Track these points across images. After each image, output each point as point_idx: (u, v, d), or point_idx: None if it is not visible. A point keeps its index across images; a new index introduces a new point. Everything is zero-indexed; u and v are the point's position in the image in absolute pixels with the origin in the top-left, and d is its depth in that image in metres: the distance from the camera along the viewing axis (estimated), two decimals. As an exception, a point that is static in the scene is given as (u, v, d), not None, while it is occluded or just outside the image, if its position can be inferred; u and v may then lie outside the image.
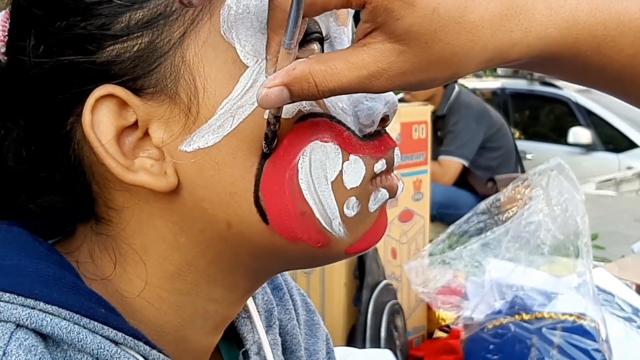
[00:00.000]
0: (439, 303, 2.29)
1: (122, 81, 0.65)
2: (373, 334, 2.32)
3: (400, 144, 2.53)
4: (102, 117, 0.65)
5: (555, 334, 2.10)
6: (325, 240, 0.67)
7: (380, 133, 0.70)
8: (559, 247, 2.19)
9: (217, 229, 0.67)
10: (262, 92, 0.60)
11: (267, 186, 0.65)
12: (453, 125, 4.57)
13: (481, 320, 2.22)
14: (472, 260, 2.28)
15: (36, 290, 0.64)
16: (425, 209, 2.67)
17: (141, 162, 0.66)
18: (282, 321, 0.88)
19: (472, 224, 2.35)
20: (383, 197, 0.70)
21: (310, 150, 0.65)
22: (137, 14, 0.64)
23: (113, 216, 0.70)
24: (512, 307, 2.21)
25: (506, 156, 4.80)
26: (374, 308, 2.33)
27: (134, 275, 0.70)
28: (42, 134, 0.68)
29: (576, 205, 2.11)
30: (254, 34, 0.64)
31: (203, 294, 0.71)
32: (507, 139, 4.90)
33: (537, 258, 2.21)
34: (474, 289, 2.33)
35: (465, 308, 2.28)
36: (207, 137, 0.64)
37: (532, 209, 2.14)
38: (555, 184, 2.12)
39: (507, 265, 2.27)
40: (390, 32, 0.59)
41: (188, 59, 0.64)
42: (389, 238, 2.51)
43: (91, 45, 0.64)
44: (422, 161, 2.62)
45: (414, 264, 2.34)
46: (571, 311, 2.14)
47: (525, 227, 2.16)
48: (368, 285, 2.34)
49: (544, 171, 2.18)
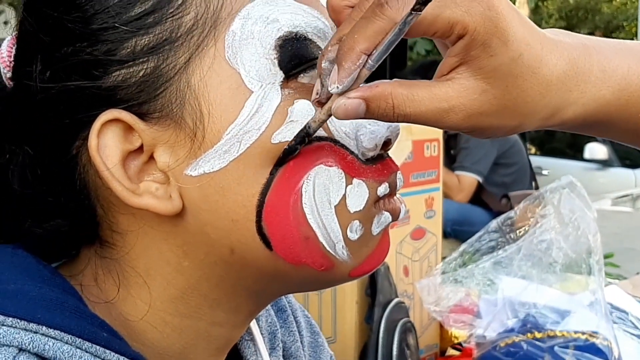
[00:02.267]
0: (451, 322, 2.28)
1: (128, 106, 0.66)
2: (385, 352, 2.31)
3: (412, 162, 2.53)
4: (108, 142, 0.66)
5: (567, 352, 2.09)
6: (329, 264, 0.68)
7: (383, 157, 0.71)
8: (571, 265, 2.18)
9: (221, 254, 0.68)
10: (340, 102, 0.61)
11: (270, 211, 0.66)
12: (465, 142, 4.55)
13: (493, 339, 2.21)
14: (484, 279, 2.28)
15: (39, 314, 0.64)
16: (437, 226, 2.66)
17: (146, 185, 0.67)
18: (285, 343, 0.88)
19: (484, 242, 2.34)
20: (386, 220, 0.70)
21: (315, 175, 0.65)
22: (143, 40, 0.65)
23: (117, 240, 0.70)
24: (524, 325, 2.20)
25: (520, 172, 4.78)
26: (385, 326, 2.32)
27: (138, 299, 0.70)
28: (47, 158, 0.69)
29: (588, 223, 2.11)
30: (258, 59, 0.65)
31: (206, 317, 0.72)
32: (521, 155, 4.88)
33: (550, 276, 2.20)
34: (486, 307, 2.32)
35: (477, 326, 2.28)
36: (213, 162, 0.65)
37: (544, 227, 2.14)
38: (567, 202, 2.12)
39: (520, 282, 2.26)
40: (479, 68, 0.60)
41: (193, 84, 0.65)
42: (401, 256, 2.51)
43: (97, 70, 0.65)
44: (434, 179, 2.62)
45: (425, 283, 2.33)
46: (583, 329, 2.13)
47: (537, 245, 2.15)
48: (380, 303, 2.33)
49: (555, 189, 2.17)
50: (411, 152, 2.51)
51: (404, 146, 2.49)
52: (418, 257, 2.59)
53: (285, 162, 0.65)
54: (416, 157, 2.54)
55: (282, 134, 0.65)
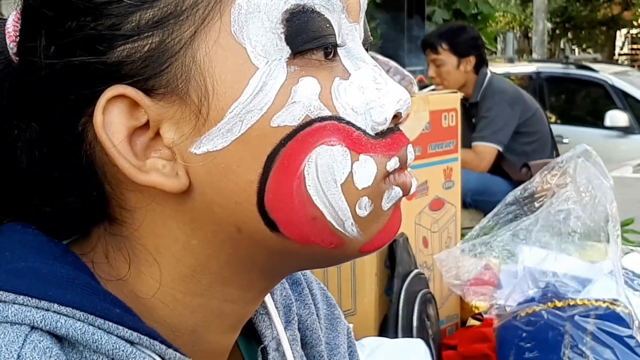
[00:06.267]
0: (472, 294, 2.29)
1: (133, 81, 0.65)
2: (405, 323, 2.32)
3: (430, 132, 2.52)
4: (113, 118, 0.65)
5: (588, 321, 2.09)
6: (339, 241, 0.68)
7: (393, 130, 0.70)
8: (589, 234, 2.18)
9: (228, 232, 0.68)
10: None
11: (273, 198, 0.65)
12: (486, 111, 4.52)
13: (514, 309, 2.21)
14: (504, 251, 2.27)
15: (50, 292, 0.64)
16: (456, 197, 2.66)
17: (153, 162, 0.66)
18: (301, 316, 0.88)
19: (502, 215, 2.33)
20: (397, 195, 0.69)
21: (316, 156, 0.65)
22: (147, 14, 0.64)
23: (126, 217, 0.70)
24: (544, 294, 2.20)
25: (541, 141, 4.74)
26: (405, 297, 2.32)
27: (148, 276, 0.70)
28: (54, 135, 0.69)
29: (605, 191, 2.10)
30: (264, 33, 0.64)
31: (218, 295, 0.71)
32: (543, 123, 4.84)
33: (569, 246, 2.20)
34: (507, 277, 2.32)
35: (498, 297, 2.28)
36: (216, 140, 0.65)
37: (561, 197, 2.13)
38: (583, 171, 2.11)
39: (540, 252, 2.26)
40: None
41: (199, 59, 0.64)
42: (420, 227, 2.50)
43: (102, 45, 0.64)
44: (452, 149, 2.61)
45: (444, 256, 2.33)
46: (604, 297, 2.13)
47: (555, 215, 2.14)
48: (399, 274, 2.33)
49: (570, 158, 2.16)
50: (429, 122, 2.50)
51: (422, 117, 2.47)
52: (437, 228, 2.59)
53: (284, 147, 0.64)
54: (434, 128, 2.53)
55: (281, 117, 0.64)
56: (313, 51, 0.66)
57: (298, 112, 0.64)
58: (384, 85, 0.69)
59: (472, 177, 4.24)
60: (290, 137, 0.64)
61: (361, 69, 0.69)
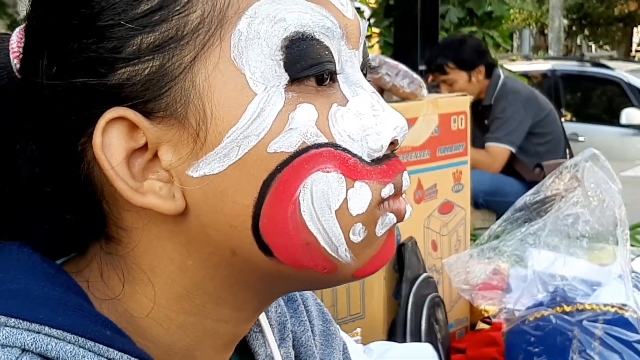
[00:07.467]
0: (480, 299, 2.29)
1: (133, 104, 0.65)
2: (413, 327, 2.32)
3: (439, 136, 2.52)
4: (112, 140, 0.66)
5: (596, 326, 2.09)
6: (332, 266, 0.68)
7: (390, 157, 0.70)
8: (598, 238, 2.18)
9: (223, 254, 0.68)
10: None
11: (267, 223, 0.66)
12: (501, 112, 4.50)
13: (522, 313, 2.22)
14: (512, 256, 2.27)
15: (41, 314, 0.65)
16: (466, 200, 2.66)
17: (150, 184, 0.67)
18: (296, 333, 0.89)
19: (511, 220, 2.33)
20: (391, 222, 0.70)
21: (312, 182, 0.65)
22: (149, 38, 0.65)
23: (123, 236, 0.70)
24: (553, 298, 2.20)
25: (555, 142, 4.72)
26: (414, 301, 2.33)
27: (142, 296, 0.71)
28: (53, 153, 0.69)
29: (613, 195, 2.10)
30: (263, 60, 0.64)
31: (212, 315, 0.72)
32: (556, 124, 4.82)
33: (577, 250, 2.20)
34: (516, 281, 2.32)
35: (507, 301, 2.28)
36: (213, 164, 0.65)
37: (570, 201, 2.13)
38: (591, 175, 2.11)
39: (550, 255, 2.26)
40: None
41: (198, 83, 0.65)
42: (429, 230, 2.51)
43: (103, 67, 0.65)
44: (461, 152, 2.61)
45: (453, 261, 2.33)
46: (613, 302, 2.12)
47: (563, 220, 2.15)
48: (407, 278, 2.34)
49: (578, 163, 2.16)
50: (438, 125, 2.50)
51: (430, 120, 2.47)
52: (446, 231, 2.59)
53: (279, 172, 0.65)
54: (443, 131, 2.53)
55: (278, 144, 0.64)
56: (311, 78, 0.66)
57: (295, 139, 0.65)
58: (381, 112, 0.69)
59: (485, 177, 4.24)
60: (286, 163, 0.65)
61: (359, 95, 0.69)
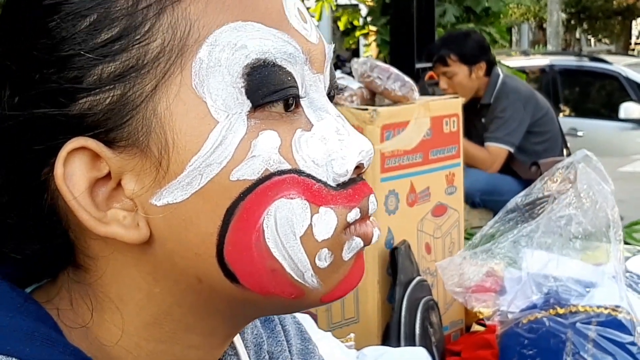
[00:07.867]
0: (474, 301, 2.29)
1: (95, 133, 0.65)
2: (408, 331, 2.32)
3: (431, 139, 2.51)
4: (74, 170, 0.65)
5: (590, 328, 2.09)
6: (299, 292, 0.68)
7: (356, 181, 0.70)
8: (591, 239, 2.17)
9: (189, 282, 0.68)
10: None
11: (232, 250, 0.65)
12: (501, 111, 4.48)
13: (516, 315, 2.21)
14: (505, 257, 2.27)
15: (9, 346, 0.65)
16: (459, 202, 2.65)
17: (114, 213, 0.66)
18: (272, 353, 0.88)
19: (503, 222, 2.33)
20: (357, 246, 0.69)
21: (275, 209, 0.65)
22: (109, 67, 0.64)
23: (90, 264, 0.70)
24: (546, 301, 2.20)
25: (552, 140, 4.71)
26: (407, 305, 2.33)
27: (111, 324, 0.70)
28: (17, 183, 0.69)
29: (606, 196, 2.09)
30: (225, 87, 0.64)
31: (182, 342, 0.72)
32: (553, 123, 4.81)
33: (570, 251, 2.19)
34: (510, 282, 2.32)
35: (501, 303, 2.27)
36: (176, 193, 0.65)
37: (562, 203, 2.12)
38: (583, 177, 2.10)
39: (544, 255, 2.25)
40: None
41: (159, 112, 0.64)
42: (423, 233, 2.50)
43: (64, 97, 0.64)
44: (454, 154, 2.60)
45: (446, 264, 2.33)
46: (606, 304, 2.12)
47: (556, 221, 2.14)
48: (401, 282, 2.34)
49: (571, 164, 2.15)
50: (430, 128, 2.50)
51: (422, 123, 2.47)
52: (440, 234, 2.58)
53: (243, 200, 0.65)
54: (435, 134, 2.52)
55: (241, 171, 0.64)
56: (274, 104, 0.66)
57: (257, 166, 0.64)
58: (346, 136, 0.69)
59: (481, 176, 4.23)
60: (249, 191, 0.64)
61: (324, 120, 0.69)
